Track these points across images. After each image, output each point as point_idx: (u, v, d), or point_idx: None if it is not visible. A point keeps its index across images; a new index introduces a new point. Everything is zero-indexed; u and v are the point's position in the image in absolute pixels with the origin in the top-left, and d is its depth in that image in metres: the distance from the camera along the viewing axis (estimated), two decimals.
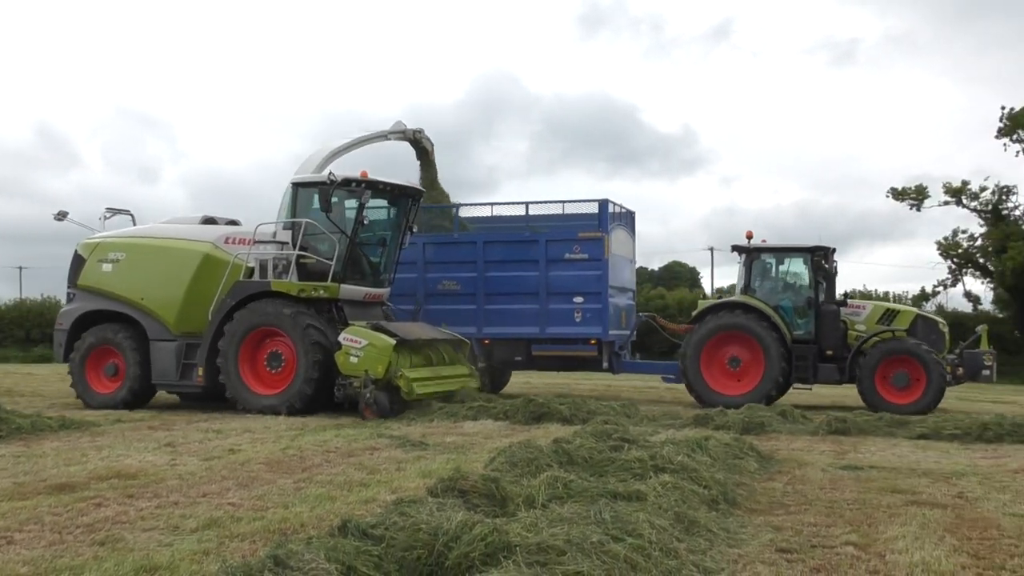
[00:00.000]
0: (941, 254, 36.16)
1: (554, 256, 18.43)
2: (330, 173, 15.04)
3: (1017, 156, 37.31)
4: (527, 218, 19.38)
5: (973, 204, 35.62)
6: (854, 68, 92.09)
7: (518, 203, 19.69)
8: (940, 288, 35.86)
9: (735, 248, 19.17)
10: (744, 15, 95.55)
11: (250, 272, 15.48)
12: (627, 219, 19.99)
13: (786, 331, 17.50)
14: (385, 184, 15.67)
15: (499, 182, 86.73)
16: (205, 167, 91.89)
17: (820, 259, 18.31)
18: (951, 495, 8.06)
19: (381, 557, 4.85)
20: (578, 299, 18.26)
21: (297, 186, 15.57)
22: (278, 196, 15.93)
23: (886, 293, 37.50)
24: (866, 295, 33.10)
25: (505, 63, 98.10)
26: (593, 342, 18.18)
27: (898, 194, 37.29)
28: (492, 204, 20.39)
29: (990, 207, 34.70)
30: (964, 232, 35.29)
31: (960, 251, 35.09)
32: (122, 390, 15.89)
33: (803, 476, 9.08)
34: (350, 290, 15.57)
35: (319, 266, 15.22)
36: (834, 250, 18.11)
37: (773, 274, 19.12)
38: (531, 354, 18.67)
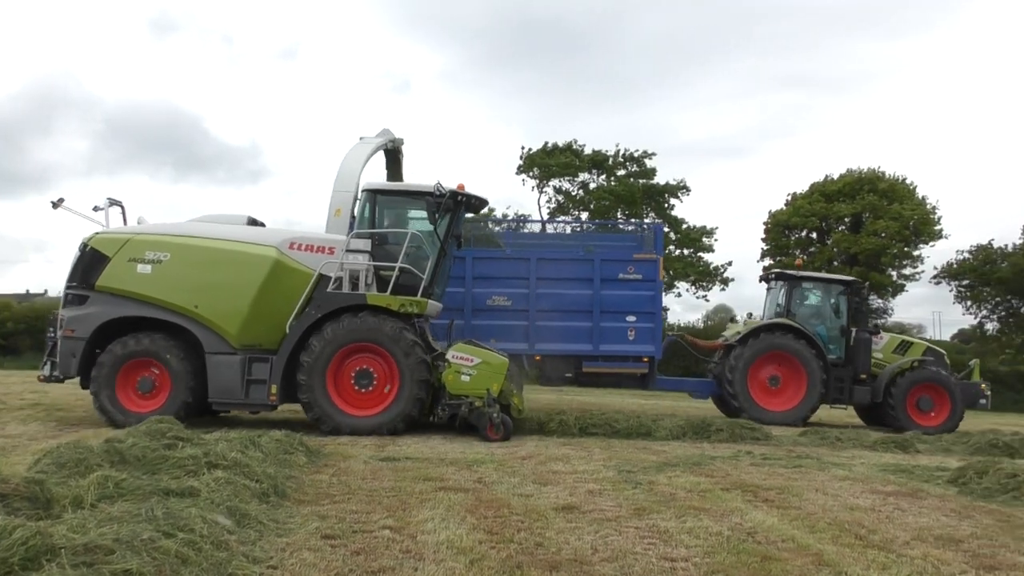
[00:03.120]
0: None
1: (608, 275, 18.26)
2: (438, 184, 13.76)
3: (532, 191, 42.52)
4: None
5: (497, 229, 39.95)
6: (411, 97, 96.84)
7: (571, 222, 18.75)
8: None
9: (778, 275, 20.58)
10: (312, 39, 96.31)
11: (327, 283, 13.62)
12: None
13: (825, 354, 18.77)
14: (474, 197, 14.52)
15: (55, 179, 78.88)
16: None
17: (855, 291, 19.85)
18: (472, 480, 8.98)
19: None
20: (631, 318, 18.23)
21: (376, 193, 14.29)
22: None
23: None
24: None
25: (67, 60, 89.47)
26: (645, 360, 18.26)
27: None
28: (543, 222, 19.42)
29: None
30: None
31: None
32: (169, 408, 13.31)
33: (347, 468, 9.57)
34: (432, 306, 14.43)
35: (409, 279, 13.86)
36: (868, 284, 19.02)
37: (812, 301, 20.25)
38: (581, 370, 18.10)
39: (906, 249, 42.62)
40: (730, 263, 45.24)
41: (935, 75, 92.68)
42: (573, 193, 45.31)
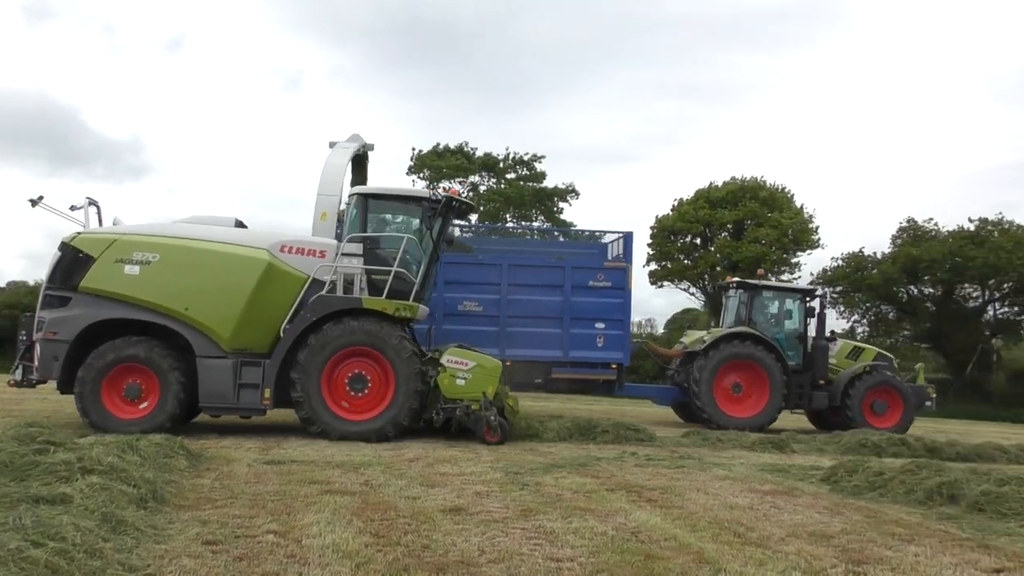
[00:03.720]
0: None
1: (578, 283, 18.47)
2: (433, 188, 13.28)
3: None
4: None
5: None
6: (301, 95, 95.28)
7: (546, 229, 18.37)
8: None
9: (739, 284, 20.94)
10: (199, 31, 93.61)
11: (319, 286, 13.50)
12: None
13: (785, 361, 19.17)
14: (464, 203, 14.72)
15: None
16: None
17: (811, 299, 20.44)
18: (359, 483, 8.90)
19: None
20: (600, 325, 18.42)
21: (367, 197, 14.23)
22: None
23: None
24: None
25: None
26: (614, 366, 18.39)
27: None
28: (514, 227, 19.20)
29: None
30: None
31: None
32: (158, 415, 12.92)
33: (230, 472, 9.35)
34: (422, 310, 14.41)
35: (400, 284, 13.80)
36: (825, 292, 19.07)
37: (771, 310, 20.44)
38: (551, 376, 17.97)
39: (784, 256, 44.15)
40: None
41: (813, 89, 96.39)
42: (464, 195, 45.45)
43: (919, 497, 9.12)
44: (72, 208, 14.01)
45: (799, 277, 45.22)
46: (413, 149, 44.83)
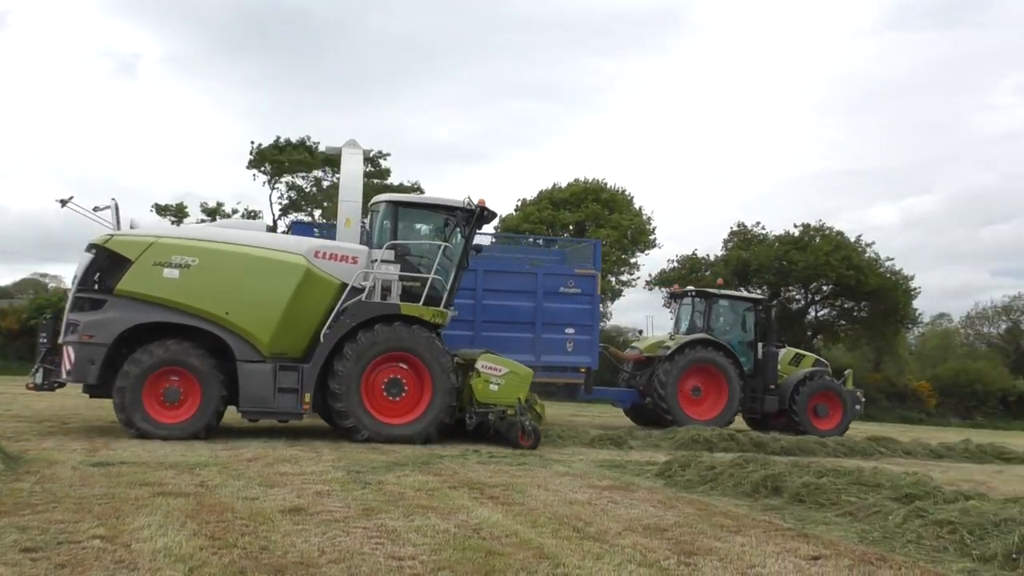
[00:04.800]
0: None
1: (550, 289, 18.87)
2: (468, 198, 14.41)
3: (264, 186, 41.72)
4: None
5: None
6: (136, 81, 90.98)
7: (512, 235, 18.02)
8: None
9: (698, 293, 21.88)
10: (24, 9, 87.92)
11: (354, 292, 13.71)
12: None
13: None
14: (489, 211, 14.75)
15: None
16: None
17: (764, 308, 21.58)
18: (194, 484, 8.60)
19: None
20: (570, 330, 18.86)
21: (397, 205, 14.52)
22: None
23: None
24: None
25: None
26: (583, 370, 18.87)
27: (161, 209, 39.62)
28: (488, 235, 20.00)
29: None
30: None
31: None
32: (199, 419, 12.91)
33: (53, 475, 8.86)
34: (449, 316, 14.86)
35: (421, 290, 14.12)
36: (777, 301, 18.70)
37: (726, 317, 21.41)
38: None
39: (623, 256, 45.42)
40: None
41: (655, 94, 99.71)
42: (307, 190, 44.50)
43: (746, 490, 9.59)
44: (95, 209, 14.01)
45: (638, 278, 46.67)
46: (252, 143, 43.52)
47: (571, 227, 44.93)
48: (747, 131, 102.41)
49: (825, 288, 44.91)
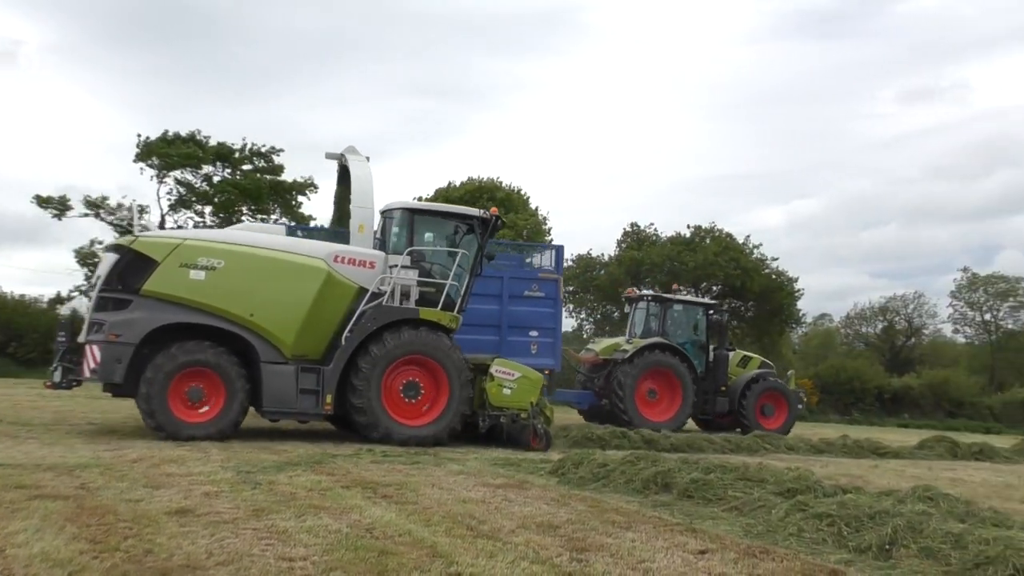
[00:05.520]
0: (78, 261, 38.44)
1: (515, 292, 19.26)
2: (490, 208, 15.16)
3: (152, 180, 40.76)
4: None
5: (110, 218, 38.33)
6: (16, 69, 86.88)
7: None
8: (76, 292, 37.11)
9: (654, 298, 22.70)
10: None
11: (372, 296, 14.16)
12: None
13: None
14: (502, 220, 15.53)
15: None
16: None
17: (716, 311, 22.62)
18: (74, 487, 8.30)
19: None
20: (533, 333, 19.33)
21: (413, 212, 15.09)
22: None
23: (23, 295, 38.84)
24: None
25: None
26: (547, 372, 18.53)
27: (43, 201, 38.56)
28: None
29: (127, 222, 37.38)
30: (101, 243, 36.91)
31: (97, 260, 37.01)
32: (223, 419, 13.22)
33: None
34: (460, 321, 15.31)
35: (435, 296, 14.68)
36: (728, 305, 19.39)
37: (679, 321, 22.11)
38: None
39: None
40: None
41: (551, 95, 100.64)
42: (196, 185, 43.29)
43: (637, 486, 9.77)
44: (136, 212, 14.52)
45: None
46: (139, 135, 42.17)
47: None
48: (640, 133, 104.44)
49: (714, 288, 46.12)
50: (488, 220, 15.02)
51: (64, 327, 14.01)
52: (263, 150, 44.00)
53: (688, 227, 46.59)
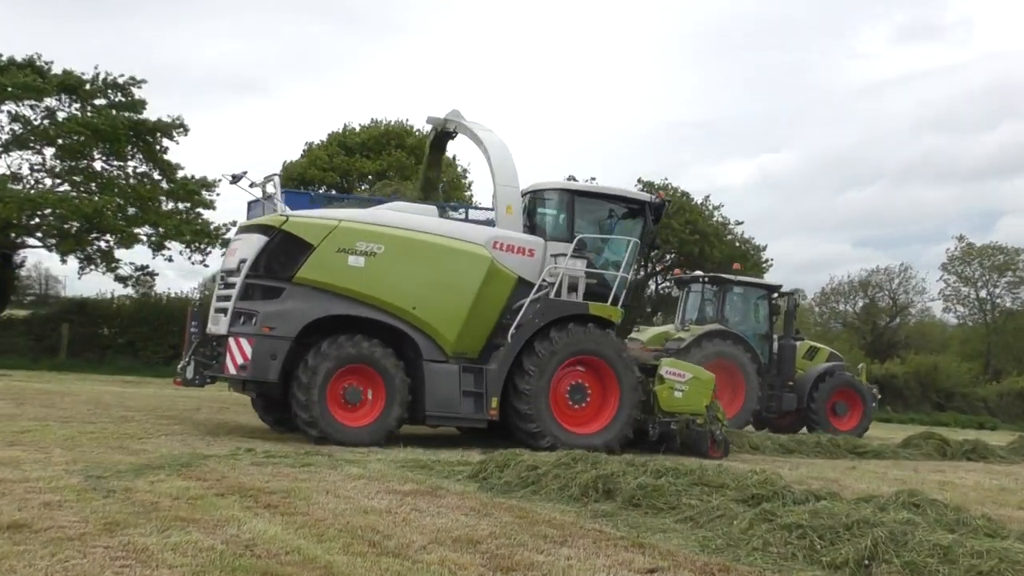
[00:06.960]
0: None
1: None
2: (657, 193, 15.49)
3: None
4: None
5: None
6: None
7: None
8: None
9: (711, 279, 23.06)
10: None
11: (527, 287, 14.82)
12: None
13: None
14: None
15: None
16: None
17: (781, 296, 22.90)
18: None
19: None
20: None
21: (574, 195, 15.59)
22: None
23: None
24: None
25: None
26: None
27: None
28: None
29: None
30: None
31: None
32: (385, 421, 14.02)
33: None
34: None
35: (599, 288, 15.24)
36: (794, 290, 19.93)
37: (740, 306, 22.46)
38: None
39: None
40: (234, 223, 44.86)
41: (474, 18, 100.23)
42: (36, 122, 42.06)
43: (574, 493, 9.86)
44: (251, 184, 15.11)
45: None
46: None
47: (370, 177, 44.57)
48: (584, 70, 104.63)
49: (668, 257, 46.55)
50: (661, 206, 15.82)
51: (197, 316, 14.63)
52: (120, 81, 42.95)
53: (637, 183, 46.85)
